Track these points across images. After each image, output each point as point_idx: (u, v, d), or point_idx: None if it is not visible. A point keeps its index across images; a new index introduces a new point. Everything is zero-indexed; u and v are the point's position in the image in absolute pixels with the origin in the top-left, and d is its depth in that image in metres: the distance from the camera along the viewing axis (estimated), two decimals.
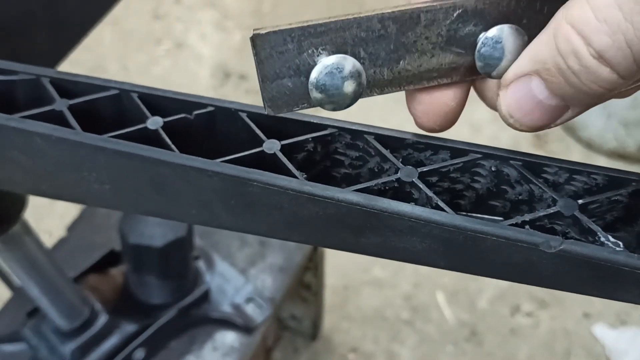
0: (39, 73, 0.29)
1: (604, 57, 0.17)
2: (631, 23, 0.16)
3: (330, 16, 0.19)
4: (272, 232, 0.25)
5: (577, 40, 0.17)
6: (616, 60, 0.17)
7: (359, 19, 0.19)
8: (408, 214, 0.20)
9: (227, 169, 0.23)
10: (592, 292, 0.20)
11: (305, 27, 0.18)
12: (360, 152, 0.24)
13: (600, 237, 0.19)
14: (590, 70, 0.17)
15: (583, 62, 0.17)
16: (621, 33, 0.17)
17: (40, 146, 0.26)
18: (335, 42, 0.19)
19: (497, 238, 0.19)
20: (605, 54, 0.17)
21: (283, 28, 0.18)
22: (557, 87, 0.19)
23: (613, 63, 0.17)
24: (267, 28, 0.18)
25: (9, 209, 0.46)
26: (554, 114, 0.20)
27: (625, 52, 0.17)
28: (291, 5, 1.55)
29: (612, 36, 0.17)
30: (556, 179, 0.22)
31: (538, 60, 0.19)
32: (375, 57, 0.20)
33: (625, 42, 0.17)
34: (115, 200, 0.28)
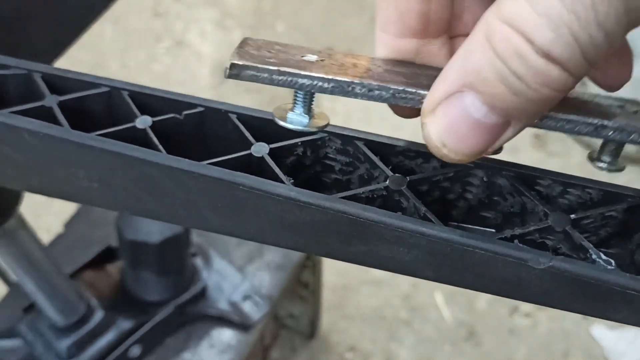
0: (30, 68, 0.28)
1: (551, 54, 0.15)
2: (574, 14, 0.14)
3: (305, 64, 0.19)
4: (260, 236, 0.25)
5: (518, 39, 0.15)
6: (565, 56, 0.15)
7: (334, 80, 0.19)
8: (394, 224, 0.20)
9: (213, 171, 0.23)
10: (582, 310, 0.19)
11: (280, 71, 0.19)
12: (350, 158, 0.24)
13: (592, 254, 0.18)
14: (539, 71, 0.15)
15: (529, 63, 0.15)
16: (565, 26, 0.15)
17: (28, 142, 0.26)
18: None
19: (485, 252, 0.19)
20: (552, 51, 0.15)
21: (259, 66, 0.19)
22: (498, 99, 0.16)
23: (562, 60, 0.15)
24: (245, 58, 0.19)
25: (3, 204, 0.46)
26: (495, 134, 0.17)
27: (572, 46, 0.15)
28: (291, 4, 1.55)
29: (556, 30, 0.14)
30: (549, 191, 0.21)
31: (470, 71, 0.16)
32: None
33: (571, 35, 0.15)
34: (104, 198, 0.28)
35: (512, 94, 0.16)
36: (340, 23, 1.51)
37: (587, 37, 0.15)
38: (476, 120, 0.16)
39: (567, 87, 0.16)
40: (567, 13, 0.14)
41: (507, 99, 0.16)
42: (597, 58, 0.15)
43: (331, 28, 1.50)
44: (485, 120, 0.16)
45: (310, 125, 0.20)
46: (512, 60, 0.15)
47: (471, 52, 0.16)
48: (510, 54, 0.15)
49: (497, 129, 0.17)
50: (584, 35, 0.15)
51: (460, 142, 0.17)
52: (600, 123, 0.18)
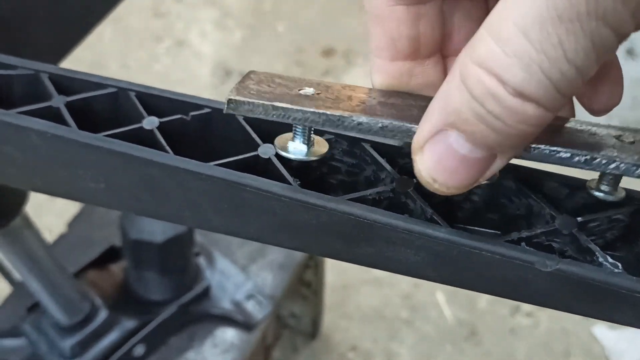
0: (38, 68, 0.29)
1: (525, 93, 0.15)
2: (544, 53, 0.15)
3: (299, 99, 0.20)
4: (264, 237, 0.25)
5: (491, 81, 0.15)
6: (539, 94, 0.15)
7: (324, 114, 0.19)
8: (401, 226, 0.20)
9: (220, 172, 0.23)
10: (589, 312, 0.19)
11: (274, 106, 0.20)
12: (356, 160, 0.24)
13: (599, 257, 0.18)
14: (514, 110, 0.15)
15: (504, 104, 0.15)
16: (535, 65, 0.15)
17: (36, 142, 0.26)
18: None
19: (492, 254, 0.19)
20: (525, 90, 0.15)
21: (255, 101, 0.20)
22: (479, 136, 0.16)
23: (536, 97, 0.15)
24: (242, 93, 0.20)
25: (9, 203, 0.46)
26: (482, 167, 0.17)
27: (545, 84, 0.15)
28: (291, 4, 1.55)
29: (527, 70, 0.15)
30: (556, 194, 0.21)
31: (451, 111, 0.17)
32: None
33: (543, 73, 0.15)
34: (110, 199, 0.28)
35: (492, 131, 0.16)
36: (340, 23, 1.51)
37: (558, 73, 0.15)
38: (462, 156, 0.17)
39: (544, 121, 0.16)
40: (536, 53, 0.15)
41: (488, 136, 0.16)
42: (572, 91, 0.16)
43: (331, 28, 1.50)
44: (471, 156, 0.17)
45: (310, 154, 0.21)
46: (488, 101, 0.16)
47: (450, 93, 0.17)
48: (485, 95, 0.16)
49: (484, 163, 0.17)
50: (555, 72, 0.15)
51: (449, 177, 0.17)
52: (588, 155, 0.18)
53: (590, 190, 0.20)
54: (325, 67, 1.42)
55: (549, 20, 0.14)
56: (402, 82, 0.21)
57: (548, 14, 0.14)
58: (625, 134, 0.19)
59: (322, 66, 1.42)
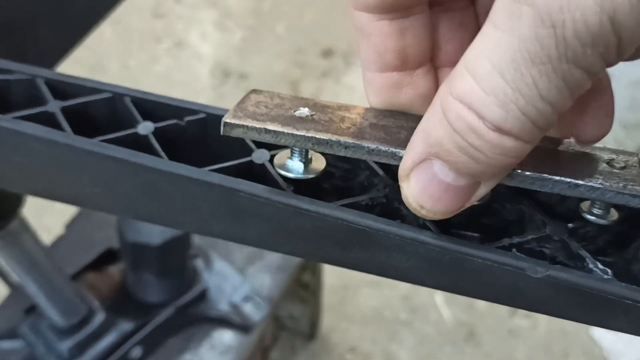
0: (34, 73, 0.29)
1: (503, 128, 0.16)
2: (519, 92, 0.15)
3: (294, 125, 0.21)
4: (261, 242, 0.25)
5: (470, 116, 0.16)
6: (516, 129, 0.16)
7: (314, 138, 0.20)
8: (393, 232, 0.20)
9: (214, 178, 0.23)
10: (580, 318, 0.19)
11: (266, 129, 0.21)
12: (350, 165, 0.24)
13: (589, 263, 0.19)
14: (493, 143, 0.16)
15: (483, 137, 0.16)
16: (512, 102, 0.15)
17: (31, 147, 0.26)
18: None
19: (483, 260, 0.19)
20: (503, 126, 0.16)
21: (249, 124, 0.21)
22: (462, 166, 0.17)
23: (514, 132, 0.16)
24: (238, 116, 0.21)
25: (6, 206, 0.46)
26: (467, 194, 0.18)
27: (522, 120, 0.15)
28: (291, 4, 1.55)
29: (504, 107, 0.15)
30: (548, 200, 0.21)
31: (433, 142, 0.17)
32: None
33: (519, 110, 0.15)
34: (106, 203, 0.28)
35: (474, 162, 0.17)
36: (340, 24, 1.51)
37: (534, 110, 0.15)
38: (447, 184, 0.17)
39: (523, 152, 0.16)
40: (512, 91, 0.15)
41: (471, 166, 0.17)
42: (549, 124, 0.16)
43: (331, 29, 1.50)
44: (455, 184, 0.17)
45: (308, 172, 0.22)
46: (468, 134, 0.16)
47: (432, 124, 0.17)
48: (465, 129, 0.16)
49: (468, 190, 0.18)
50: (531, 109, 0.15)
51: (436, 204, 0.18)
52: (572, 182, 0.18)
53: (582, 214, 0.20)
54: (324, 68, 1.42)
55: (522, 62, 0.15)
56: (393, 94, 0.22)
57: (521, 56, 0.15)
58: (618, 157, 0.19)
59: (321, 67, 1.42)
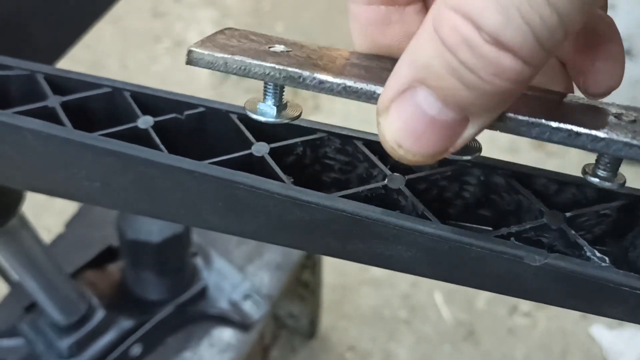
0: (33, 69, 0.29)
1: (501, 40, 0.13)
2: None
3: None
4: (259, 235, 0.25)
5: (466, 26, 0.14)
6: (516, 42, 0.13)
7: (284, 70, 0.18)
8: (392, 222, 0.20)
9: (214, 170, 0.23)
10: (577, 306, 0.20)
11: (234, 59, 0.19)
12: (349, 158, 0.24)
13: (587, 251, 0.19)
14: (489, 60, 0.14)
15: (478, 52, 0.14)
16: (514, 8, 0.13)
17: (31, 142, 0.26)
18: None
19: (482, 249, 0.19)
20: (502, 37, 0.13)
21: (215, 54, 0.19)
22: (451, 93, 0.14)
23: (513, 46, 0.13)
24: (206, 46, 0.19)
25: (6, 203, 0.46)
26: (453, 132, 0.15)
27: (524, 30, 0.13)
28: (291, 4, 1.55)
29: (505, 12, 0.13)
30: (545, 190, 0.21)
31: (421, 65, 0.15)
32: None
33: (522, 18, 0.13)
34: (105, 198, 0.28)
35: (465, 87, 0.14)
36: (340, 23, 1.51)
37: (538, 19, 0.13)
38: (431, 117, 0.15)
39: (522, 77, 0.14)
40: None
41: (461, 93, 0.14)
42: (554, 44, 0.14)
43: (331, 28, 1.50)
44: (440, 117, 0.15)
45: (281, 116, 0.20)
46: (461, 50, 0.14)
47: (421, 45, 0.15)
48: (459, 44, 0.14)
49: (455, 127, 0.15)
50: (535, 18, 0.13)
51: (416, 142, 0.16)
52: (574, 130, 0.15)
53: (585, 176, 0.18)
54: None
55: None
56: (379, 31, 0.19)
57: None
58: (628, 112, 0.17)
59: None
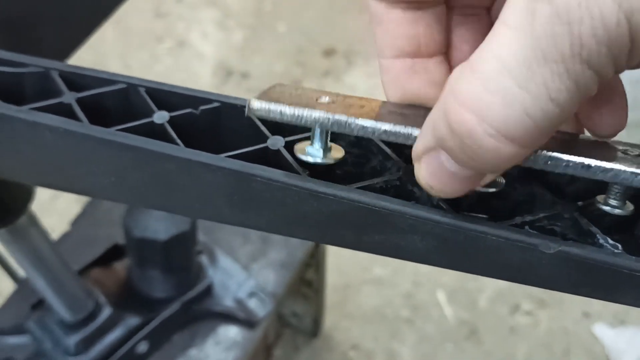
0: (48, 66, 0.29)
1: (502, 132, 0.15)
2: (527, 91, 0.15)
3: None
4: (275, 227, 0.25)
5: (470, 121, 0.16)
6: (517, 133, 0.15)
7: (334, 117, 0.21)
8: (409, 212, 0.20)
9: (231, 164, 0.23)
10: (590, 294, 0.20)
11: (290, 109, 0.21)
12: (363, 151, 0.24)
13: (599, 239, 0.19)
14: (489, 149, 0.16)
15: (479, 144, 0.16)
16: (518, 103, 0.15)
17: (47, 138, 0.26)
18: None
19: (497, 238, 0.19)
20: (503, 129, 0.15)
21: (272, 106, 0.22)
22: (464, 162, 0.17)
23: (514, 137, 0.15)
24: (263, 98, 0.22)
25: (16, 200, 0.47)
26: (472, 181, 0.18)
27: (526, 122, 0.15)
28: (292, 4, 1.55)
29: (509, 107, 0.15)
30: (557, 180, 0.22)
31: (438, 137, 0.18)
32: None
33: (525, 112, 0.15)
34: (120, 193, 0.29)
35: (474, 161, 0.17)
36: (341, 23, 1.51)
37: (540, 112, 0.15)
38: (453, 172, 0.18)
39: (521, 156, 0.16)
40: (520, 90, 0.15)
41: (471, 163, 0.17)
42: (552, 130, 0.16)
43: (332, 28, 1.50)
44: (460, 173, 0.18)
45: (327, 158, 0.23)
46: (467, 138, 0.16)
47: (437, 120, 0.17)
48: (464, 133, 0.16)
49: (474, 178, 0.18)
50: (537, 111, 0.15)
51: (444, 187, 0.19)
52: (585, 162, 0.18)
53: (598, 205, 0.20)
54: (325, 68, 1.43)
55: (534, 60, 0.15)
56: (406, 78, 0.22)
57: (533, 54, 0.15)
58: (633, 148, 0.19)
59: (322, 66, 1.43)
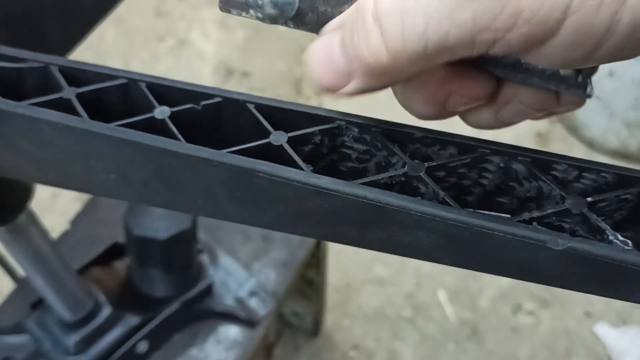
0: (47, 61, 0.29)
1: (380, 20, 0.18)
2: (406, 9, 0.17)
3: None
4: (277, 224, 0.25)
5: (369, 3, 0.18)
6: (389, 27, 0.18)
7: None
8: (414, 208, 0.20)
9: (233, 159, 0.23)
10: (599, 291, 0.20)
11: None
12: (367, 146, 0.24)
13: (609, 235, 0.19)
14: (368, 31, 0.18)
15: (366, 20, 0.18)
16: (399, 2, 0.17)
17: (47, 134, 0.26)
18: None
19: (504, 234, 0.19)
20: (382, 17, 0.18)
21: None
22: (345, 42, 0.19)
23: (386, 30, 0.18)
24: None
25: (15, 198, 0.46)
26: (339, 78, 0.20)
27: (396, 20, 0.17)
28: None
29: (392, 3, 0.17)
30: (565, 176, 0.22)
31: (347, 13, 0.20)
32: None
33: (400, 10, 0.17)
34: (121, 190, 0.28)
35: (352, 43, 0.19)
36: None
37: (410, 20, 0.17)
38: (332, 56, 0.20)
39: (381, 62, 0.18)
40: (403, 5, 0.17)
41: (349, 47, 0.19)
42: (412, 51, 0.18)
43: None
44: (336, 60, 0.20)
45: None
46: (361, 14, 0.19)
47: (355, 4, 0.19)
48: (362, 9, 0.19)
49: (342, 76, 0.20)
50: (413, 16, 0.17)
51: (316, 68, 0.21)
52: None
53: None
54: None
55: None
56: None
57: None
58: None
59: None
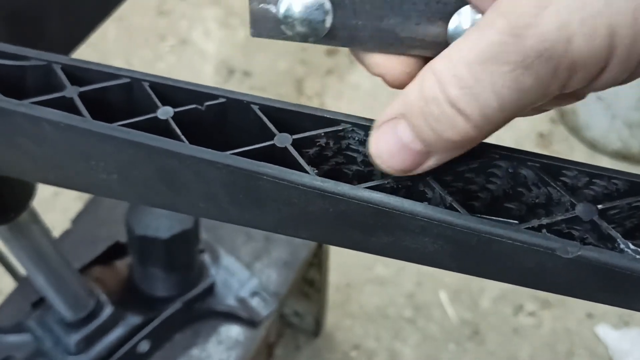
0: (50, 59, 0.28)
1: (457, 105, 0.19)
2: (477, 80, 0.19)
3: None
4: (280, 227, 0.25)
5: (438, 88, 0.19)
6: (469, 109, 0.19)
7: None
8: (421, 213, 0.20)
9: (237, 161, 0.23)
10: (608, 300, 0.19)
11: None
12: None
13: (620, 243, 0.18)
14: (448, 116, 0.19)
15: (441, 108, 0.19)
16: (468, 88, 0.19)
17: (48, 133, 0.26)
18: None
19: (513, 241, 0.19)
20: (458, 103, 0.19)
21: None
22: (420, 130, 0.20)
23: (466, 112, 0.19)
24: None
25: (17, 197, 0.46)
26: (417, 159, 0.21)
27: (473, 103, 0.19)
28: None
29: (461, 89, 0.19)
30: (575, 182, 0.21)
31: (406, 103, 0.20)
32: (360, 8, 0.22)
33: (471, 94, 0.19)
34: (122, 190, 0.28)
35: (429, 129, 0.20)
36: None
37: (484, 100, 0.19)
38: (404, 144, 0.21)
39: (469, 137, 0.19)
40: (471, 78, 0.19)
41: (426, 132, 0.20)
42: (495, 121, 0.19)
43: None
44: (410, 146, 0.21)
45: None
46: (431, 102, 0.19)
47: (411, 89, 0.20)
48: (431, 98, 0.19)
49: (420, 156, 0.21)
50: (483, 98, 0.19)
51: (389, 158, 0.21)
52: None
53: None
54: (328, 66, 1.42)
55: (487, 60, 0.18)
56: None
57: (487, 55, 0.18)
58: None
59: (325, 65, 1.42)
